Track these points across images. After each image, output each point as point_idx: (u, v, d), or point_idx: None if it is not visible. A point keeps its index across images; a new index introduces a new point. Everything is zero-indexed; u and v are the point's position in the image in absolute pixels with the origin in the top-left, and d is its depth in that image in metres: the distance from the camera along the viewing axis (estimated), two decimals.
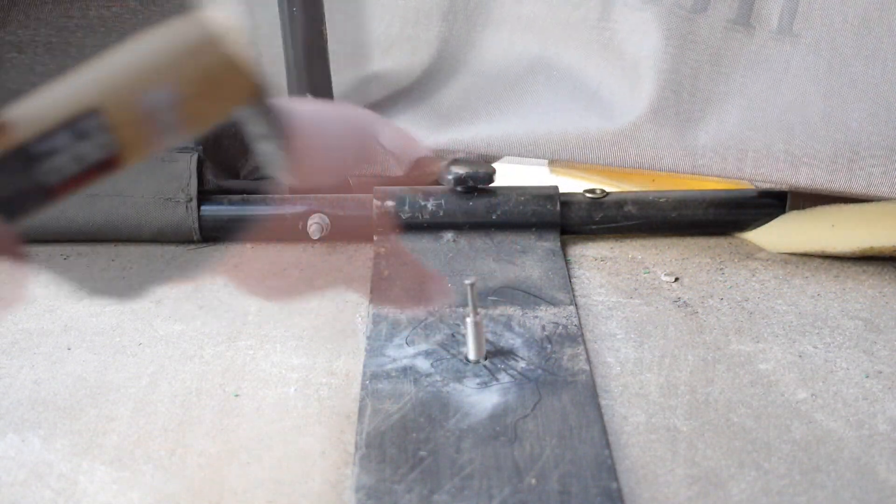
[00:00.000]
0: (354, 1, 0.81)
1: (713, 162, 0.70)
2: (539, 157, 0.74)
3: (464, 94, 0.78)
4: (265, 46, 0.84)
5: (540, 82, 0.75)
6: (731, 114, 0.69)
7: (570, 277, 0.71)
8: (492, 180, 0.78)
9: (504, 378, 0.58)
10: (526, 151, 0.74)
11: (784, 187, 0.74)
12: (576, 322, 0.64)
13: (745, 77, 0.68)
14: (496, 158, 0.78)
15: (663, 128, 0.70)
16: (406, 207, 0.76)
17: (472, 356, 0.60)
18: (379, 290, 0.69)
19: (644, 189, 0.81)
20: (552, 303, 0.67)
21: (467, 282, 0.59)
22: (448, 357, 0.61)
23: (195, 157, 0.76)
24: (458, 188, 0.77)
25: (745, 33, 0.68)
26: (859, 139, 0.66)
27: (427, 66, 0.80)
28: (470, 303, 0.59)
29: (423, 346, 0.62)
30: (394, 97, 0.82)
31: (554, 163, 0.82)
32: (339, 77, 0.79)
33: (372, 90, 0.82)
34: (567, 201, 0.77)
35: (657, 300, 0.69)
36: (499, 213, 0.76)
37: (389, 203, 0.76)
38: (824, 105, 0.67)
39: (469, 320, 0.59)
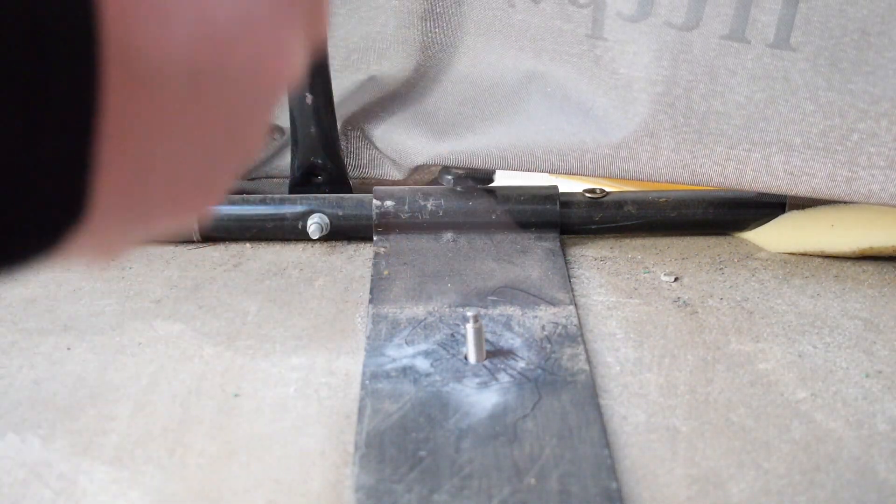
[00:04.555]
0: (350, 1, 0.80)
1: (712, 176, 0.70)
2: (537, 171, 0.74)
3: (460, 105, 0.78)
4: None
5: (534, 96, 0.75)
6: (728, 131, 0.68)
7: (569, 277, 0.71)
8: (492, 180, 0.78)
9: (504, 378, 0.58)
10: (524, 165, 0.74)
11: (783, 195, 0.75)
12: (575, 322, 0.64)
13: (741, 94, 0.68)
14: (493, 171, 0.78)
15: (660, 147, 0.70)
16: (406, 207, 0.76)
17: (472, 360, 0.60)
18: (379, 290, 0.69)
19: (644, 189, 0.81)
20: (552, 303, 0.67)
21: (469, 313, 0.59)
22: (448, 357, 0.61)
23: None
24: (458, 188, 0.77)
25: (740, 48, 0.67)
26: (859, 154, 0.66)
27: (423, 72, 0.80)
28: (471, 334, 0.59)
29: (423, 346, 0.62)
30: (390, 105, 0.82)
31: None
32: (337, 80, 0.79)
33: (368, 95, 0.82)
34: (567, 201, 0.77)
35: (657, 300, 0.69)
36: (499, 213, 0.76)
37: (389, 203, 0.76)
38: (823, 121, 0.66)
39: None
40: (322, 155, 0.79)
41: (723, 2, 0.66)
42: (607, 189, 0.78)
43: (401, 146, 0.79)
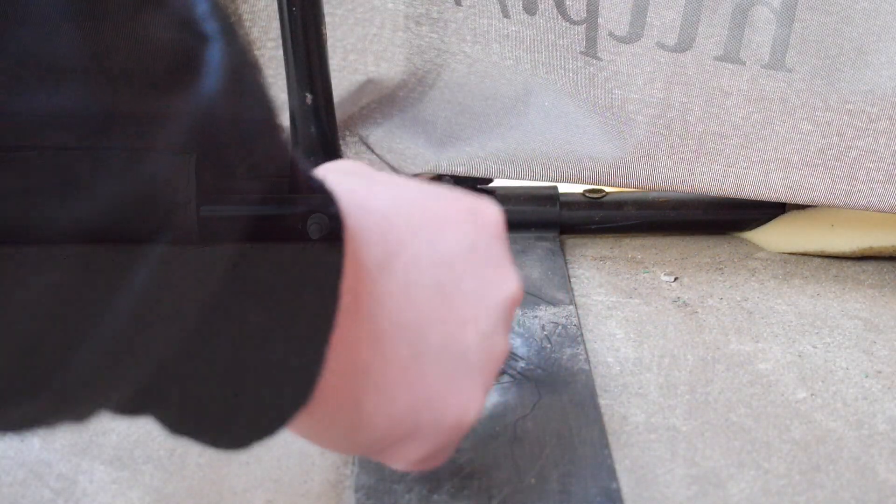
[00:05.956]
0: (347, 1, 0.80)
1: (711, 189, 0.70)
2: (536, 180, 0.74)
3: (458, 114, 0.78)
4: (262, 47, 0.84)
5: (532, 109, 0.74)
6: (725, 151, 0.68)
7: (569, 277, 0.71)
8: (492, 180, 0.78)
9: (503, 378, 0.58)
10: (523, 175, 0.74)
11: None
12: (575, 322, 0.64)
13: (737, 115, 0.67)
14: (491, 179, 0.78)
15: (657, 167, 0.70)
16: None
17: None
18: None
19: (644, 189, 0.81)
20: (552, 302, 0.67)
21: None
22: None
23: (193, 158, 0.75)
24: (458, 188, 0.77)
25: (735, 69, 0.67)
26: (857, 170, 0.66)
27: (421, 77, 0.79)
28: None
29: None
30: (389, 110, 0.82)
31: None
32: (335, 81, 0.79)
33: (367, 97, 0.82)
34: (567, 201, 0.77)
35: (657, 300, 0.69)
36: None
37: None
38: (821, 140, 0.66)
39: None
40: (322, 155, 0.79)
41: (716, 23, 0.66)
42: (607, 189, 0.78)
43: (399, 153, 0.79)
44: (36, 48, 0.22)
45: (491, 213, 0.39)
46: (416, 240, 0.35)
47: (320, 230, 0.32)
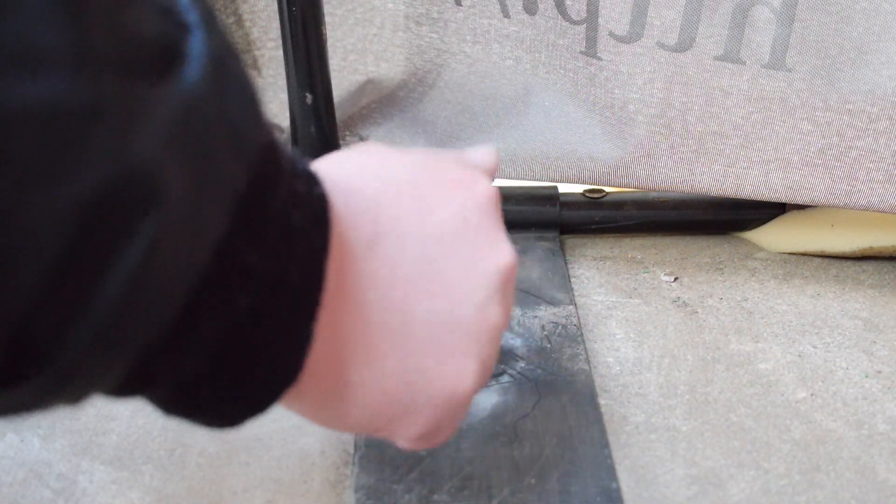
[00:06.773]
0: (347, 1, 0.80)
1: (710, 191, 0.70)
2: (536, 180, 0.74)
3: (458, 115, 0.78)
4: (262, 48, 0.84)
5: (533, 109, 0.74)
6: (725, 151, 0.68)
7: (569, 277, 0.71)
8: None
9: (503, 378, 0.58)
10: (522, 175, 0.74)
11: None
12: (575, 322, 0.64)
13: (737, 115, 0.67)
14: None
15: (657, 167, 0.70)
16: None
17: None
18: None
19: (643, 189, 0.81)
20: (552, 302, 0.67)
21: None
22: None
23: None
24: None
25: (735, 69, 0.67)
26: (857, 170, 0.66)
27: (421, 77, 0.79)
28: None
29: None
30: (389, 110, 0.82)
31: None
32: (335, 81, 0.79)
33: (366, 98, 0.82)
34: (567, 201, 0.77)
35: (656, 300, 0.69)
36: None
37: None
38: (821, 140, 0.66)
39: None
40: (322, 155, 0.79)
41: (716, 22, 0.66)
42: (607, 189, 0.78)
43: None
44: (16, 37, 0.22)
45: (482, 185, 0.40)
46: (404, 218, 0.36)
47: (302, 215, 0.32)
